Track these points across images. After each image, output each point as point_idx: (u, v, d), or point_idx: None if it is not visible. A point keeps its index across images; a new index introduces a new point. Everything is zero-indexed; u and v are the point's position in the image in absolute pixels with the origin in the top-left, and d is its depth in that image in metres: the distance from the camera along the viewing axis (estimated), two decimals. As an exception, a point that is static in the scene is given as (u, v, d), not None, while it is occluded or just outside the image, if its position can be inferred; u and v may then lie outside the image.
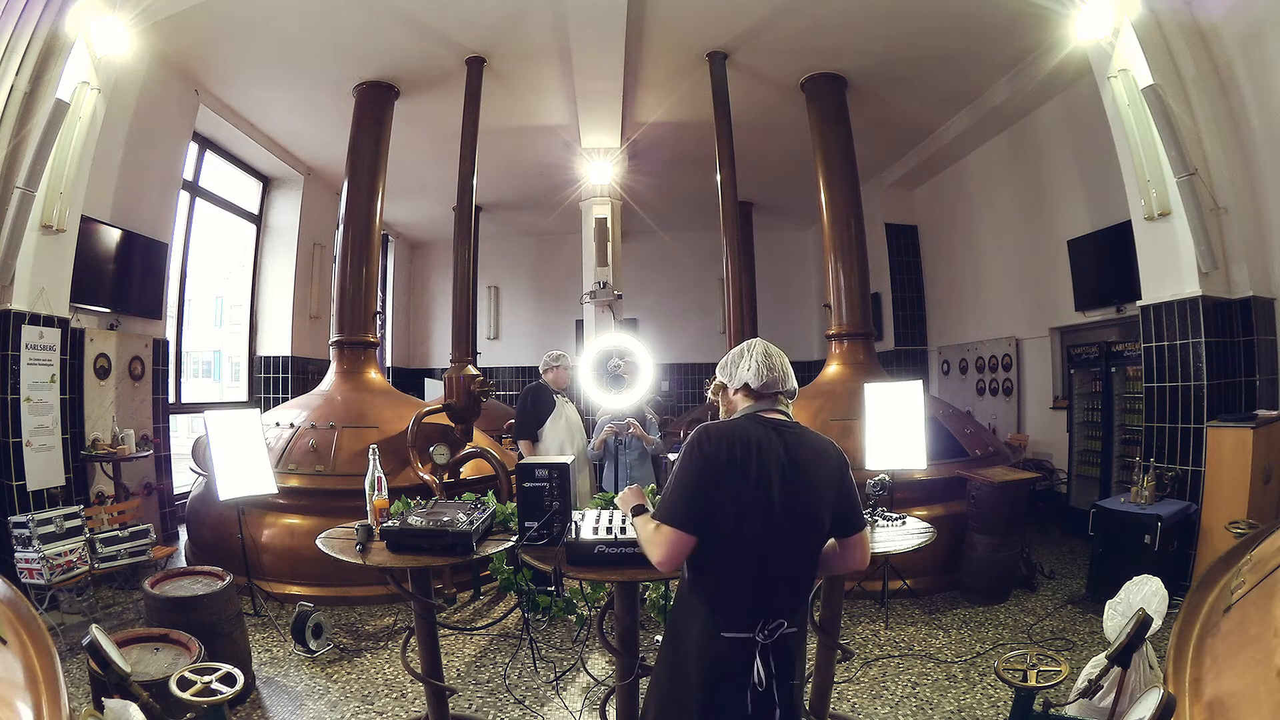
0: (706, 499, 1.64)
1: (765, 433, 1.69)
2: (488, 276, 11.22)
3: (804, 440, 1.72)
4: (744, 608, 1.64)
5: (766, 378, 1.78)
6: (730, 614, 1.64)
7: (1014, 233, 7.37)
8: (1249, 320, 4.41)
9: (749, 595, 1.64)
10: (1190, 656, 1.53)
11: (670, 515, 1.65)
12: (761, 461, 1.64)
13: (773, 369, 1.79)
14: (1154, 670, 2.39)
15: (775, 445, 1.67)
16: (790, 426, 1.74)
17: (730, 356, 1.88)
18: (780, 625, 1.63)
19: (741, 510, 1.62)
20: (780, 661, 1.64)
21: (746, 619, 1.63)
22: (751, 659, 1.61)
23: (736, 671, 1.62)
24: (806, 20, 5.26)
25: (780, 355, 1.84)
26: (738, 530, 1.63)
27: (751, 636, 1.62)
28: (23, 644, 1.58)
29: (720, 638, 1.63)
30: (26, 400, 4.26)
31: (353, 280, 5.90)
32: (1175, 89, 4.38)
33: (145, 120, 5.44)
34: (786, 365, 1.82)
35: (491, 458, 5.02)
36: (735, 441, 1.66)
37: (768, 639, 1.62)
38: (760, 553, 1.63)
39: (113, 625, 4.00)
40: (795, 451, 1.68)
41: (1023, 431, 7.24)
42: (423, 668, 2.66)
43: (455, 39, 5.50)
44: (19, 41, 4.13)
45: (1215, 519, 4.02)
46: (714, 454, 1.65)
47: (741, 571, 1.64)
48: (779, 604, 1.65)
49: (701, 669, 1.65)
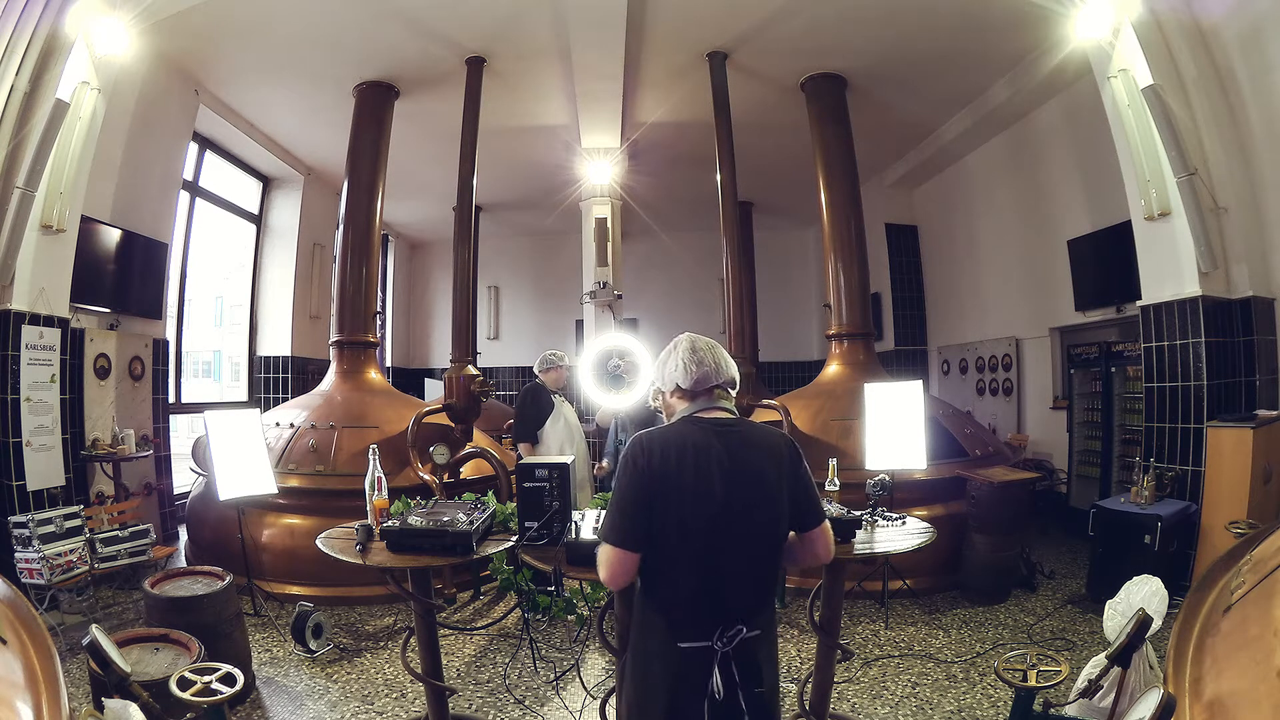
0: (647, 512, 1.57)
1: (703, 435, 1.63)
2: (488, 276, 11.22)
3: (748, 437, 1.66)
4: (699, 616, 1.59)
5: (696, 374, 1.71)
6: (686, 624, 1.59)
7: (1014, 233, 7.38)
8: (1249, 320, 4.41)
9: (703, 603, 1.59)
10: (1190, 656, 1.53)
11: (610, 534, 1.60)
12: (701, 466, 1.58)
13: (701, 363, 1.72)
14: (1154, 670, 2.39)
15: (715, 446, 1.60)
16: (731, 424, 1.67)
17: (659, 359, 1.81)
18: (739, 631, 1.57)
19: (684, 518, 1.57)
20: (744, 669, 1.58)
21: (703, 628, 1.58)
22: (710, 669, 1.55)
23: (697, 682, 1.56)
24: (806, 20, 5.26)
25: (711, 347, 1.76)
26: (684, 539, 1.57)
27: (710, 645, 1.56)
28: (23, 644, 1.58)
29: (677, 648, 1.58)
30: (26, 400, 4.26)
31: (353, 280, 5.90)
32: (1175, 89, 4.38)
33: (145, 120, 5.44)
34: (719, 356, 1.75)
35: (491, 458, 5.02)
36: (670, 448, 1.60)
37: (726, 646, 1.56)
38: (710, 559, 1.58)
39: (113, 625, 4.00)
40: (738, 450, 1.62)
41: (1023, 431, 7.24)
42: (423, 668, 2.66)
43: (455, 39, 5.50)
44: (19, 41, 4.13)
45: (1215, 519, 4.02)
46: (648, 466, 1.59)
47: (692, 580, 1.59)
48: (736, 609, 1.59)
49: (662, 681, 1.61)
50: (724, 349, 1.79)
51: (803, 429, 5.06)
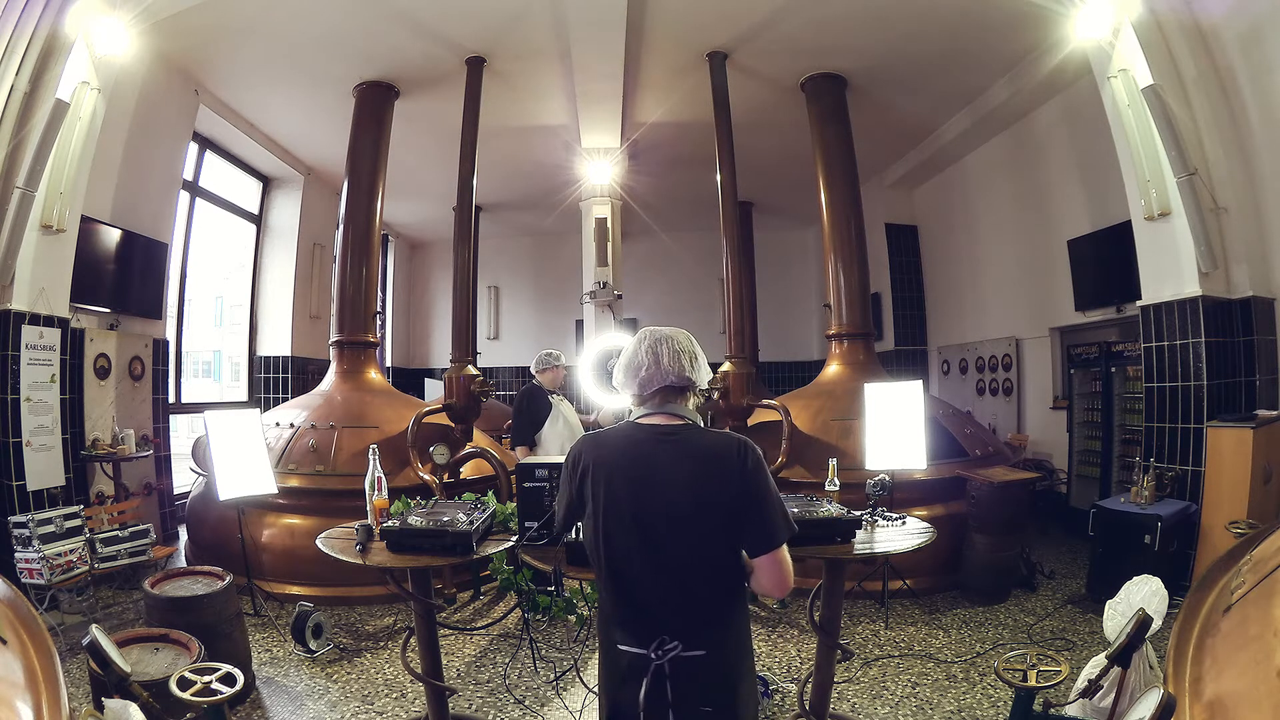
0: (572, 503, 1.61)
1: (640, 441, 1.56)
2: (488, 276, 11.22)
3: (687, 445, 1.55)
4: (633, 622, 1.54)
5: (639, 376, 1.61)
6: (622, 626, 1.55)
7: (1014, 233, 7.38)
8: (1249, 320, 4.41)
9: (630, 612, 1.55)
10: (1190, 656, 1.53)
11: (556, 518, 1.70)
12: (628, 471, 1.53)
13: (641, 365, 1.60)
14: (1154, 670, 2.39)
15: (649, 453, 1.53)
16: (672, 431, 1.56)
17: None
18: (674, 648, 1.48)
19: (599, 523, 1.53)
20: (681, 686, 1.48)
21: (638, 634, 1.52)
22: (642, 678, 1.49)
23: (631, 688, 1.50)
24: (806, 20, 5.26)
25: (660, 342, 1.62)
26: (608, 543, 1.53)
27: (647, 653, 1.49)
28: (23, 644, 1.58)
29: (616, 649, 1.55)
30: (26, 400, 4.26)
31: (353, 280, 5.90)
32: (1175, 89, 4.38)
33: (145, 120, 5.44)
34: (673, 355, 1.60)
35: (491, 458, 5.02)
36: (599, 449, 1.57)
37: (660, 659, 1.48)
38: (628, 572, 1.52)
39: (113, 625, 4.00)
40: (670, 460, 1.52)
41: (1023, 431, 7.24)
42: (423, 668, 2.66)
43: (455, 39, 5.50)
44: (19, 41, 4.13)
45: (1215, 519, 4.02)
46: (573, 465, 1.59)
47: (621, 585, 1.54)
48: (669, 626, 1.50)
49: (608, 679, 1.60)
50: (685, 345, 1.64)
51: (803, 429, 5.06)
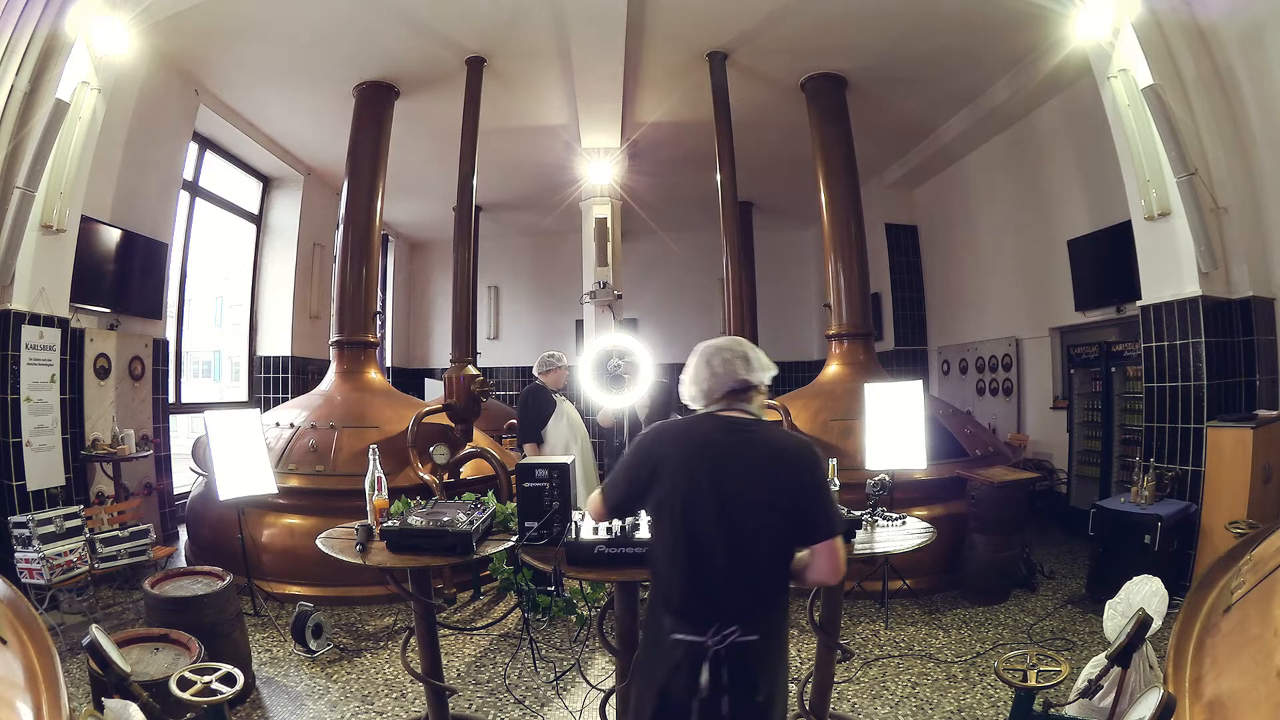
0: (633, 487, 1.69)
1: (714, 430, 1.67)
2: (488, 276, 11.21)
3: (760, 438, 1.66)
4: (692, 609, 1.59)
5: (703, 387, 1.73)
6: (680, 614, 1.60)
7: (1014, 233, 7.37)
8: (1249, 320, 4.41)
9: (696, 597, 1.60)
10: (1190, 656, 1.53)
11: (605, 486, 1.78)
12: (702, 461, 1.61)
13: (702, 378, 1.72)
14: (1154, 670, 2.39)
15: (721, 442, 1.64)
16: (747, 424, 1.67)
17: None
18: (733, 632, 1.54)
19: (675, 506, 1.60)
20: (736, 673, 1.55)
21: (696, 621, 1.57)
22: (701, 665, 1.54)
23: (687, 677, 1.55)
24: (806, 20, 5.26)
25: (716, 354, 1.73)
26: (676, 528, 1.60)
27: (702, 641, 1.55)
28: (23, 644, 1.58)
29: (672, 639, 1.59)
30: (26, 400, 4.26)
31: (353, 280, 5.90)
32: (1175, 89, 4.38)
33: (145, 120, 5.44)
34: (725, 362, 1.71)
35: (491, 458, 5.02)
36: (675, 437, 1.69)
37: (718, 645, 1.54)
38: (703, 555, 1.58)
39: (113, 625, 3.99)
40: (745, 449, 1.63)
41: (1023, 431, 7.24)
42: (423, 668, 2.66)
43: (455, 39, 5.50)
44: (19, 41, 4.13)
45: (1215, 519, 4.02)
46: (648, 448, 1.69)
47: (685, 571, 1.60)
48: (731, 609, 1.57)
49: (657, 670, 1.62)
50: (736, 350, 1.74)
51: (803, 429, 5.06)
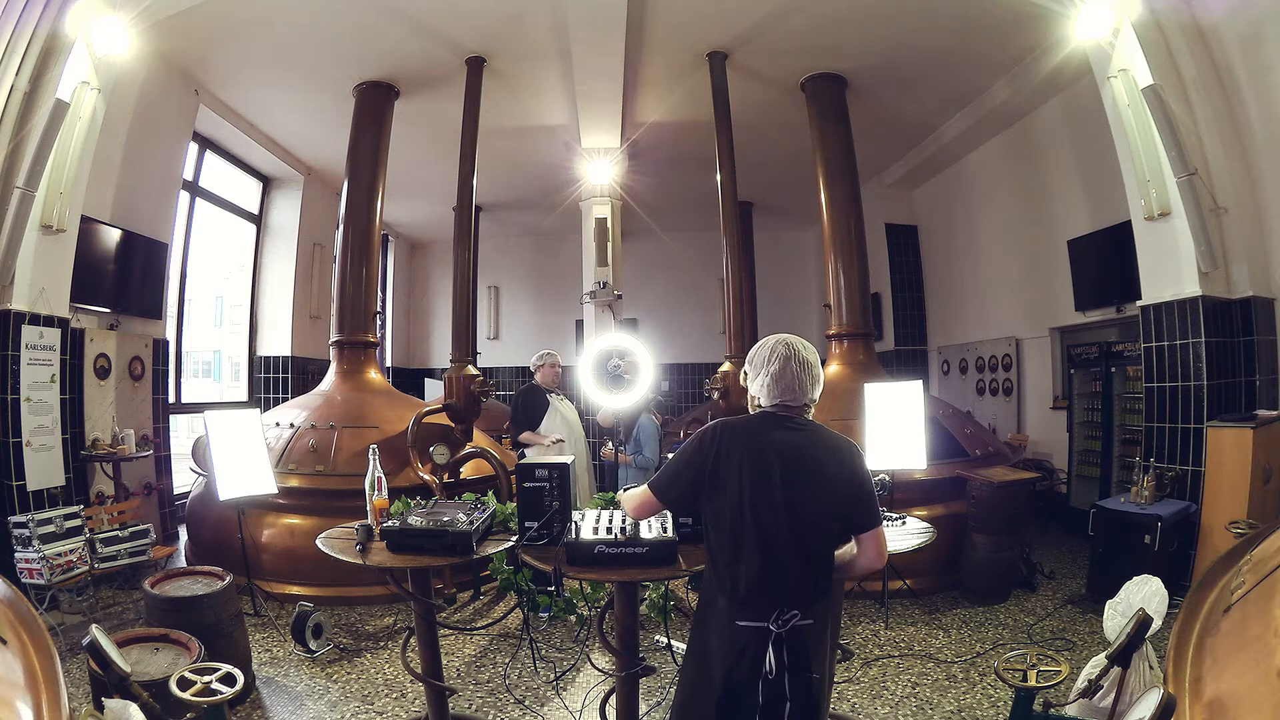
0: (694, 482, 1.76)
1: (775, 427, 1.77)
2: (488, 276, 11.21)
3: (816, 436, 1.79)
4: (757, 597, 1.69)
5: (777, 397, 1.82)
6: (745, 603, 1.69)
7: (1014, 233, 7.37)
8: (1249, 320, 4.41)
9: (761, 585, 1.69)
10: (1190, 656, 1.53)
11: (656, 482, 1.86)
12: (765, 454, 1.72)
13: (785, 390, 1.80)
14: (1154, 670, 2.39)
15: (783, 438, 1.74)
16: (803, 424, 1.80)
17: (754, 359, 1.90)
18: (794, 616, 1.67)
19: (743, 499, 1.69)
20: (795, 653, 1.68)
21: (760, 608, 1.68)
22: (765, 648, 1.66)
23: (752, 661, 1.66)
24: (806, 20, 5.26)
25: (802, 365, 1.82)
26: (742, 519, 1.69)
27: (766, 626, 1.66)
28: (23, 644, 1.58)
29: (736, 626, 1.69)
30: (26, 400, 4.26)
31: (353, 280, 5.90)
32: (1175, 89, 4.38)
33: (145, 120, 5.43)
34: (804, 377, 1.81)
35: (491, 458, 5.02)
36: (740, 434, 1.76)
37: (781, 628, 1.66)
38: (769, 544, 1.69)
39: (113, 625, 3.99)
40: (804, 444, 1.75)
41: (1023, 431, 7.24)
42: (423, 668, 2.66)
43: (455, 39, 5.50)
44: (19, 41, 4.13)
45: (1215, 519, 4.02)
46: (713, 443, 1.75)
47: (752, 561, 1.69)
48: (792, 595, 1.69)
49: (721, 657, 1.71)
50: (817, 365, 1.85)
51: (803, 429, 5.06)
